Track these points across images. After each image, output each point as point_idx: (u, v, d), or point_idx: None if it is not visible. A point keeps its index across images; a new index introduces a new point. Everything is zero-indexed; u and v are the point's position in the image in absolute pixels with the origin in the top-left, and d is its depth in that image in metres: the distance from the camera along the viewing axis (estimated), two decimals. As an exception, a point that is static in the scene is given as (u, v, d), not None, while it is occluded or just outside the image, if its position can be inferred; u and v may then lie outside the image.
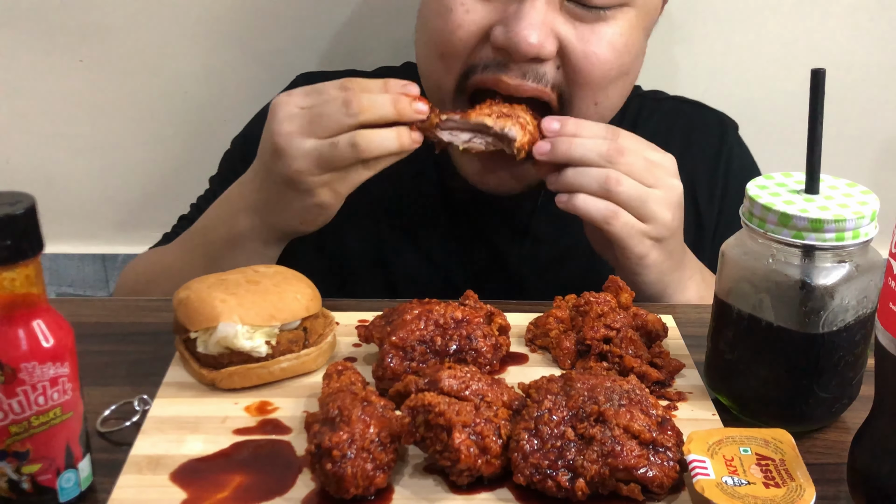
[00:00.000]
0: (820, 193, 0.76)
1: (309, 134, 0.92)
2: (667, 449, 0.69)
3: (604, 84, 1.02)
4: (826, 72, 0.75)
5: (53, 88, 1.39)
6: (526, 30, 0.95)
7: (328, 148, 0.91)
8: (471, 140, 0.97)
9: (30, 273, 0.62)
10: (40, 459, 0.64)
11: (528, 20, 0.95)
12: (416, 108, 0.93)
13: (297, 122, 0.92)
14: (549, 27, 0.97)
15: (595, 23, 0.99)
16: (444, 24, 0.99)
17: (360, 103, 0.91)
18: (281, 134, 0.93)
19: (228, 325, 0.79)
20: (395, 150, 0.93)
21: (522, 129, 0.95)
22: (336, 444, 0.67)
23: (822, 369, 0.75)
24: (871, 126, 1.44)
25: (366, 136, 0.91)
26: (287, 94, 0.95)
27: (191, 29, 1.37)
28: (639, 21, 1.03)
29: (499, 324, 0.87)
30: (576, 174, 0.95)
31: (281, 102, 0.94)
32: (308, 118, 0.92)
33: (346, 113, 0.91)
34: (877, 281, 0.75)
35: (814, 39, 1.39)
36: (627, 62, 1.03)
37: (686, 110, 1.26)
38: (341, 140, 0.91)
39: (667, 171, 0.97)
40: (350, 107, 0.91)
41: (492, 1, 0.98)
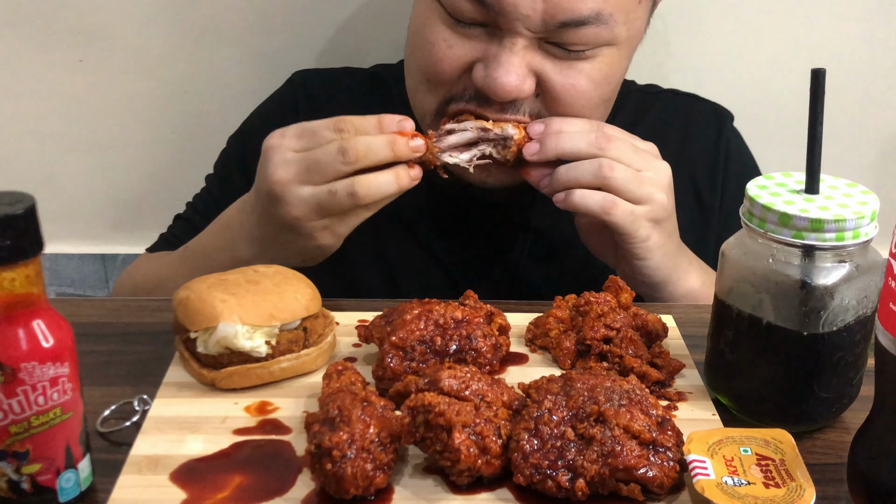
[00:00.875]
0: (820, 193, 0.76)
1: (306, 181, 0.91)
2: (667, 449, 0.69)
3: (584, 113, 1.02)
4: (826, 72, 0.75)
5: (53, 88, 1.39)
6: (504, 76, 0.96)
7: (326, 196, 0.90)
8: (472, 157, 0.97)
9: (30, 273, 0.62)
10: (40, 459, 0.64)
11: (507, 65, 0.96)
12: (413, 147, 0.92)
13: (292, 168, 0.91)
14: (527, 67, 0.98)
15: (575, 61, 0.99)
16: (427, 55, 1.01)
17: (357, 150, 0.90)
18: (277, 182, 0.91)
19: (228, 325, 0.79)
20: (394, 192, 0.92)
21: (516, 127, 0.97)
22: (336, 444, 0.67)
23: (823, 369, 0.75)
24: (871, 126, 1.44)
25: (364, 184, 0.90)
26: (280, 134, 0.93)
27: (190, 29, 1.37)
28: (621, 55, 1.03)
29: (499, 324, 0.87)
30: (568, 170, 0.95)
31: (273, 147, 0.93)
32: (304, 165, 0.91)
33: (342, 161, 0.90)
34: (877, 281, 0.75)
35: (814, 39, 1.39)
36: (608, 91, 1.04)
37: (682, 102, 1.27)
38: (339, 188, 0.90)
39: (653, 154, 0.98)
40: (346, 155, 0.90)
41: (472, 39, 0.99)
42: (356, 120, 0.92)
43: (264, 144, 0.94)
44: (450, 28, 0.99)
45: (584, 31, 0.96)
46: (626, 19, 0.99)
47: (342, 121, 0.91)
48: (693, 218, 1.15)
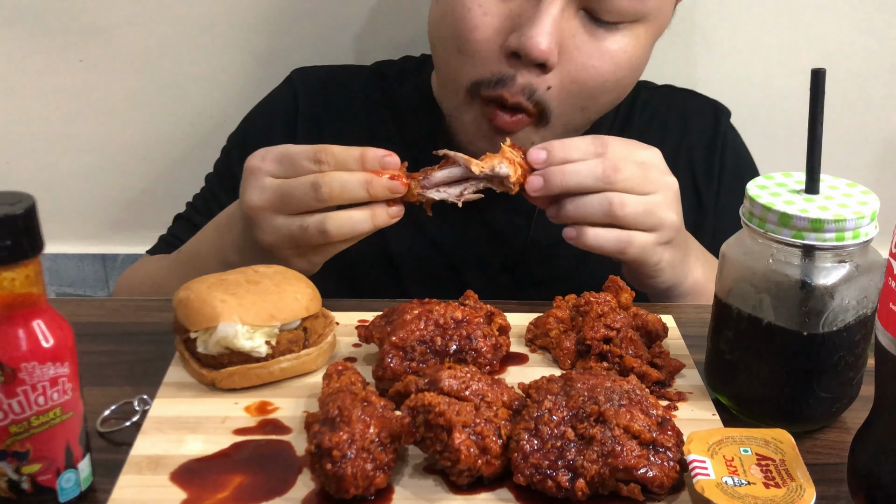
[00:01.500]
0: (820, 193, 0.76)
1: (279, 211, 0.90)
2: (667, 449, 0.69)
3: (596, 94, 1.03)
4: (826, 72, 0.75)
5: (53, 88, 1.39)
6: (539, 35, 0.96)
7: (297, 230, 0.89)
8: (462, 193, 0.92)
9: (30, 273, 0.62)
10: (40, 459, 0.64)
11: (543, 27, 0.96)
12: (392, 188, 0.88)
13: (267, 195, 0.90)
14: (559, 35, 0.98)
15: (604, 35, 1.00)
16: (462, 22, 1.00)
17: (331, 188, 0.87)
18: (251, 207, 0.91)
19: (228, 325, 0.79)
20: (368, 230, 0.90)
21: (511, 163, 0.91)
22: (336, 444, 0.67)
23: (823, 369, 0.75)
24: (871, 126, 1.44)
25: (336, 222, 0.88)
26: (261, 157, 0.92)
27: (191, 29, 1.37)
28: (647, 35, 1.04)
29: (499, 324, 0.87)
30: (576, 207, 0.92)
31: (252, 170, 0.92)
32: (278, 194, 0.89)
33: (314, 197, 0.87)
34: (877, 281, 0.75)
35: (814, 39, 1.39)
36: (627, 76, 1.04)
37: (680, 97, 1.28)
38: (311, 224, 0.89)
39: (659, 169, 0.96)
40: (319, 192, 0.87)
41: (508, 3, 0.99)
42: (337, 151, 0.89)
43: (245, 164, 0.93)
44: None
45: (622, 1, 0.98)
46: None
47: (322, 151, 0.89)
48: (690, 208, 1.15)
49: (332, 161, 0.88)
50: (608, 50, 1.01)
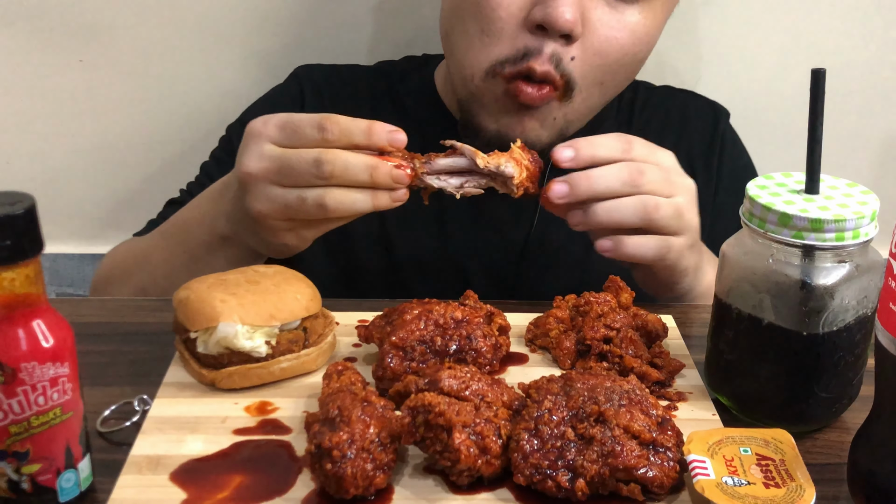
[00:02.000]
0: (820, 193, 0.76)
1: (276, 181, 0.86)
2: (667, 449, 0.69)
3: (615, 68, 1.04)
4: (826, 72, 0.75)
5: (53, 88, 1.39)
6: (561, 6, 0.97)
7: (295, 201, 0.85)
8: (462, 185, 0.89)
9: (30, 273, 0.62)
10: (40, 459, 0.64)
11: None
12: (396, 177, 0.85)
13: (265, 163, 0.86)
14: (582, 7, 0.99)
15: (623, 9, 1.02)
16: (485, 2, 1.00)
17: (334, 167, 0.83)
18: (247, 173, 0.87)
19: (228, 325, 0.79)
20: (369, 210, 0.86)
21: (518, 164, 0.87)
22: (336, 444, 0.67)
23: (822, 369, 0.75)
24: (871, 126, 1.44)
25: (336, 198, 0.84)
26: (263, 122, 0.88)
27: (191, 29, 1.37)
28: (663, 10, 1.06)
29: (499, 324, 0.87)
30: (609, 213, 0.88)
31: (253, 134, 0.88)
32: (277, 164, 0.86)
33: (315, 174, 0.84)
34: (877, 281, 0.75)
35: (814, 39, 1.39)
36: (643, 50, 1.06)
37: (679, 97, 1.29)
38: (309, 197, 0.85)
39: (678, 172, 0.94)
40: (321, 168, 0.83)
41: None
42: (343, 121, 0.85)
43: (247, 128, 0.89)
44: None
45: None
46: None
47: (328, 119, 0.85)
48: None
49: (337, 131, 0.85)
50: (628, 23, 1.02)
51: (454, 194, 0.88)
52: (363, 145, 0.85)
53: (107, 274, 1.13)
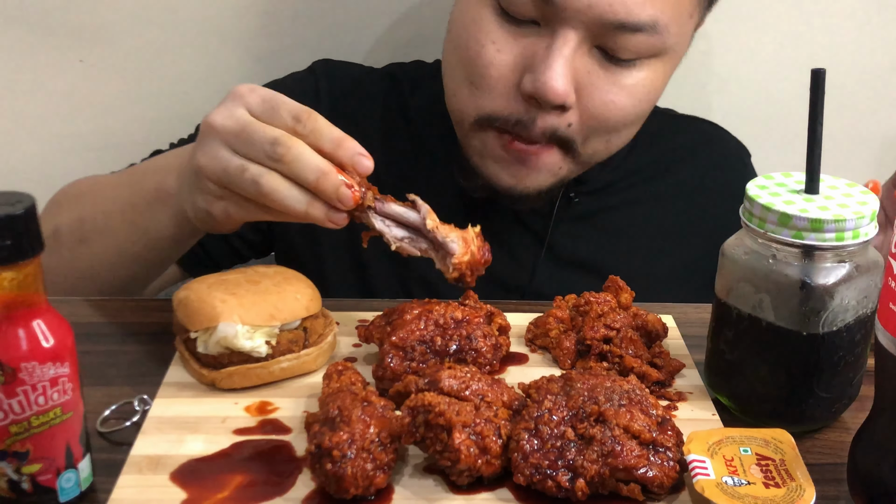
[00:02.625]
0: (820, 193, 0.76)
1: (231, 143, 0.83)
2: (667, 449, 0.69)
3: (619, 128, 1.01)
4: (826, 72, 0.75)
5: (53, 88, 1.39)
6: (553, 80, 0.94)
7: (236, 169, 0.82)
8: (403, 240, 0.84)
9: (30, 273, 0.62)
10: (40, 459, 0.64)
11: (556, 69, 0.94)
12: (341, 196, 0.80)
13: (229, 123, 0.83)
14: (573, 74, 0.96)
15: (619, 73, 0.98)
16: (475, 57, 0.98)
17: (288, 153, 0.80)
18: (210, 123, 0.84)
19: (228, 325, 0.79)
20: (299, 214, 0.81)
21: (465, 246, 0.83)
22: (336, 444, 0.67)
23: (822, 369, 0.75)
24: (871, 126, 1.44)
25: (272, 182, 0.80)
26: (250, 88, 0.85)
27: (191, 29, 1.37)
28: (665, 68, 1.02)
29: (499, 324, 0.87)
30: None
31: (236, 94, 0.86)
32: (239, 128, 0.82)
33: (267, 152, 0.80)
34: (877, 281, 0.75)
35: (814, 39, 1.39)
36: (646, 108, 1.03)
37: (706, 130, 1.26)
38: (250, 169, 0.81)
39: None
40: (274, 148, 0.80)
41: (521, 41, 0.97)
42: (321, 122, 0.82)
43: (234, 88, 0.87)
44: (500, 27, 0.97)
45: (638, 39, 0.95)
46: (678, 32, 0.98)
47: (306, 112, 0.83)
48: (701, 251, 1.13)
49: (310, 127, 0.82)
50: (626, 85, 0.98)
51: (390, 244, 0.84)
52: (328, 153, 0.81)
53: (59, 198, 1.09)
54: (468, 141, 1.05)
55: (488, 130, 1.01)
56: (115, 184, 1.02)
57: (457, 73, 1.02)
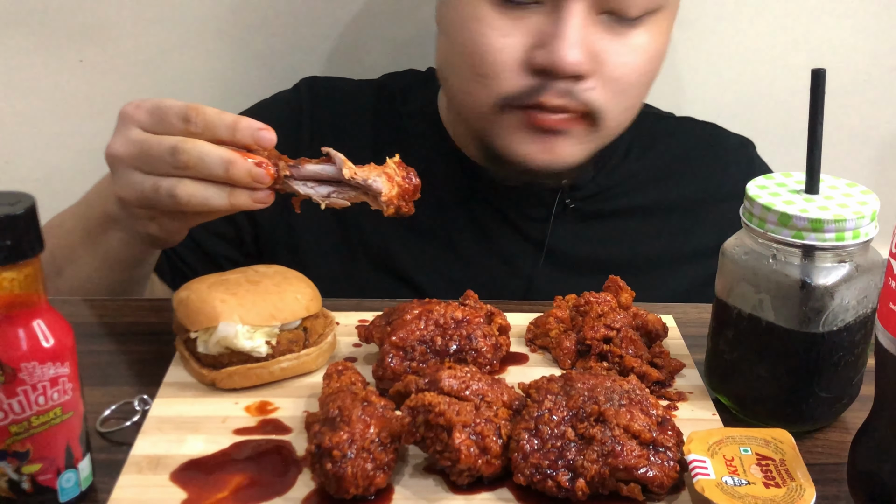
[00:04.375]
0: (820, 193, 0.76)
1: (136, 166, 0.83)
2: (667, 449, 0.69)
3: (637, 90, 1.03)
4: (826, 72, 0.75)
5: (53, 88, 1.39)
6: (566, 49, 0.94)
7: (150, 189, 0.82)
8: (330, 195, 0.82)
9: (30, 273, 0.62)
10: (40, 459, 0.64)
11: (569, 39, 0.94)
12: (255, 176, 0.79)
13: (128, 148, 0.83)
14: (587, 43, 0.96)
15: (628, 33, 0.99)
16: (480, 48, 0.98)
17: (189, 157, 0.79)
18: (111, 155, 0.85)
19: (229, 325, 0.79)
20: (226, 208, 0.81)
21: (389, 180, 0.82)
22: (336, 444, 0.67)
23: (823, 369, 0.75)
24: (871, 126, 1.44)
25: (187, 190, 0.80)
26: (136, 105, 0.85)
27: (191, 30, 1.37)
28: (667, 22, 1.03)
29: (499, 324, 0.87)
30: None
31: (124, 117, 0.85)
32: (138, 149, 0.82)
33: (171, 163, 0.80)
34: (877, 281, 0.75)
35: (814, 39, 1.39)
36: (657, 66, 1.04)
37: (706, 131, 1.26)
38: (163, 186, 0.81)
39: None
40: (176, 157, 0.79)
41: (525, 22, 0.97)
42: (209, 113, 0.81)
43: (120, 110, 0.87)
44: (501, 14, 0.97)
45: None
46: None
47: (194, 109, 0.81)
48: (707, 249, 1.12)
49: (202, 122, 0.81)
50: (637, 45, 1.00)
51: (320, 203, 0.83)
52: (227, 141, 0.81)
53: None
54: (492, 130, 1.04)
55: (508, 112, 1.01)
56: (72, 215, 1.03)
57: (463, 70, 1.02)
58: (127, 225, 0.91)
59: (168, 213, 0.85)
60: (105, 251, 0.96)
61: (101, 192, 0.98)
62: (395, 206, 0.82)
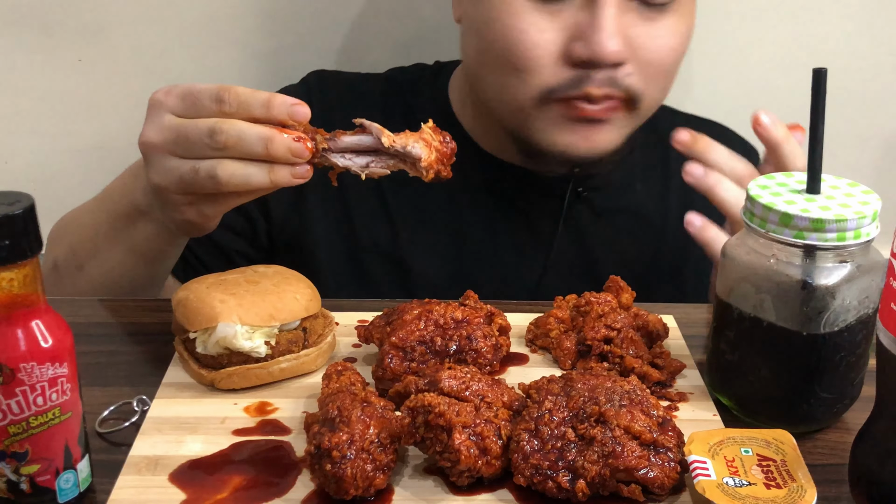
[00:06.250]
0: (821, 193, 0.76)
1: (174, 152, 0.83)
2: (668, 450, 0.69)
3: (672, 71, 1.05)
4: (828, 71, 0.75)
5: (53, 88, 1.39)
6: (606, 40, 0.97)
7: (189, 172, 0.82)
8: (369, 165, 0.83)
9: (28, 273, 0.62)
10: (39, 460, 0.64)
11: (607, 30, 0.97)
12: (295, 150, 0.80)
13: (164, 134, 0.83)
14: (623, 31, 0.99)
15: (659, 17, 1.02)
16: (518, 44, 0.99)
17: (228, 137, 0.80)
18: (145, 143, 0.85)
19: (228, 325, 0.79)
20: (266, 186, 0.81)
21: (427, 145, 0.82)
22: (336, 444, 0.67)
23: (824, 370, 0.75)
24: (872, 126, 1.44)
25: (228, 169, 0.80)
26: (165, 91, 0.85)
27: (191, 29, 1.37)
28: (692, 5, 1.06)
29: (499, 324, 0.87)
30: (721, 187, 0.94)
31: (154, 104, 0.86)
32: (174, 135, 0.83)
33: (209, 144, 0.80)
34: (878, 281, 0.74)
35: (814, 39, 1.39)
36: (686, 46, 1.07)
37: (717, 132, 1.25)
38: (202, 168, 0.81)
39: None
40: (215, 138, 0.80)
41: (562, 16, 0.99)
42: (241, 91, 0.82)
43: (150, 98, 0.87)
44: (536, 10, 0.99)
45: None
46: None
47: (226, 90, 0.82)
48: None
49: (235, 102, 0.81)
50: (669, 28, 1.02)
51: (359, 174, 0.83)
52: (262, 118, 0.81)
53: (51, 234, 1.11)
54: (532, 124, 1.05)
55: (549, 105, 1.02)
56: (93, 210, 1.03)
57: (499, 67, 1.03)
58: (158, 215, 0.91)
59: (206, 196, 0.85)
60: (132, 244, 0.96)
61: (125, 185, 0.99)
62: (434, 170, 0.83)
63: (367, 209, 1.14)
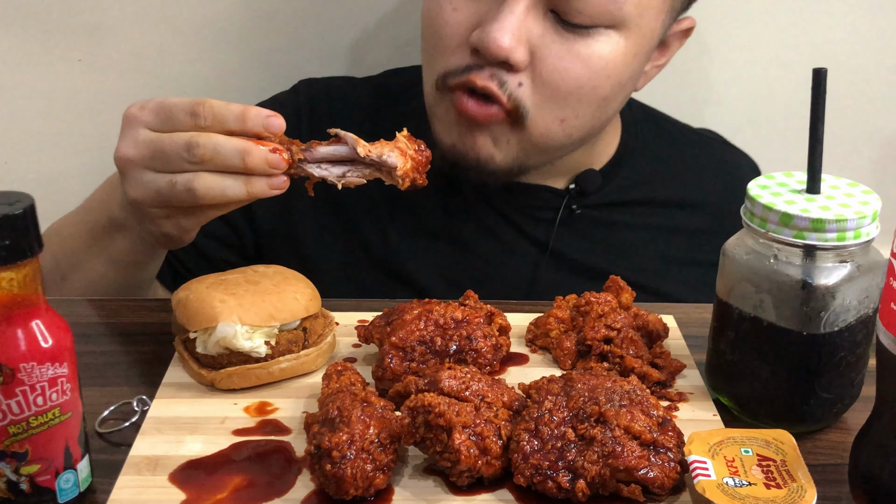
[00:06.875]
0: (821, 193, 0.76)
1: (150, 166, 0.83)
2: (668, 450, 0.69)
3: (571, 102, 1.00)
4: (828, 71, 0.75)
5: (53, 88, 1.39)
6: (498, 31, 0.94)
7: (166, 186, 0.82)
8: (345, 175, 0.84)
9: (28, 273, 0.62)
10: (39, 460, 0.64)
11: (503, 23, 0.95)
12: (271, 162, 0.81)
13: (139, 149, 0.84)
14: (525, 35, 0.96)
15: (575, 39, 0.97)
16: (434, 20, 1.01)
17: (204, 151, 0.80)
18: (121, 158, 0.85)
19: (228, 325, 0.79)
20: (243, 198, 0.82)
21: (402, 154, 0.83)
22: (336, 444, 0.67)
23: (824, 370, 0.75)
24: (872, 126, 1.44)
25: (205, 182, 0.81)
26: (140, 106, 0.86)
27: (190, 29, 1.37)
28: (628, 45, 1.00)
29: (499, 324, 0.87)
30: None
31: (129, 119, 0.86)
32: (150, 149, 0.83)
33: (186, 158, 0.81)
34: (878, 281, 0.74)
35: (814, 39, 1.39)
36: (604, 85, 1.00)
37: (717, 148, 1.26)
38: (179, 181, 0.81)
39: None
40: (192, 152, 0.80)
41: (477, 2, 0.99)
42: (216, 105, 0.82)
43: (124, 113, 0.88)
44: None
45: (591, 1, 0.95)
46: (638, 3, 0.98)
47: (200, 104, 0.82)
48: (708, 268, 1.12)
49: (210, 115, 0.82)
50: (580, 53, 0.97)
51: (336, 184, 0.84)
52: (238, 131, 0.82)
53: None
54: (433, 115, 1.05)
55: (445, 94, 1.02)
56: (74, 222, 1.04)
57: (423, 41, 1.04)
58: (136, 228, 0.92)
59: (184, 209, 0.86)
60: (111, 255, 0.97)
61: (102, 198, 0.99)
62: (410, 178, 0.84)
63: (357, 217, 1.14)
